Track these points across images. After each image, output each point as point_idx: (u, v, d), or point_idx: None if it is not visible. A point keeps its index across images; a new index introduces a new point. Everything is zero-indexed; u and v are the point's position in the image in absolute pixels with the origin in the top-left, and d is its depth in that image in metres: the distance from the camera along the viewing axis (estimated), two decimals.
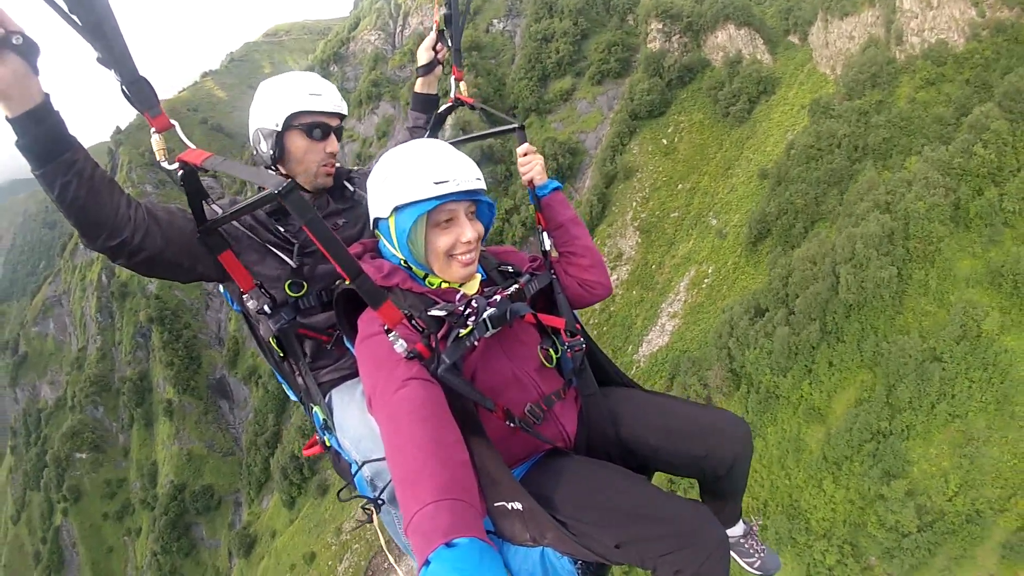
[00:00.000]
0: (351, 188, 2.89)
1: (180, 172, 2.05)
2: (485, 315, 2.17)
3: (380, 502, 2.39)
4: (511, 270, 2.50)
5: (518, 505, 2.07)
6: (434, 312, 2.13)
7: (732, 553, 2.93)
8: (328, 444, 2.86)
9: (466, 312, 2.16)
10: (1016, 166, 33.72)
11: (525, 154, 2.76)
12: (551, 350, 2.44)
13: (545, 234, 2.73)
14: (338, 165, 2.97)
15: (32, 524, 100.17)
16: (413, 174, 2.12)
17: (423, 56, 3.37)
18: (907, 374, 29.39)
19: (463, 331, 2.10)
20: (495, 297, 2.28)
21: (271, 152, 2.67)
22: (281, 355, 2.69)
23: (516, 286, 2.38)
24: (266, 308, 2.56)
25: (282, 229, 2.67)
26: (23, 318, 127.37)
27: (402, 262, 2.27)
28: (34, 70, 1.82)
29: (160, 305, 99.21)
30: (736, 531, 2.96)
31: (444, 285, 2.27)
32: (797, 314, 34.62)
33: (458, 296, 2.26)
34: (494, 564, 1.45)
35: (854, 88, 51.32)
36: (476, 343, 2.14)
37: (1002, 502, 24.76)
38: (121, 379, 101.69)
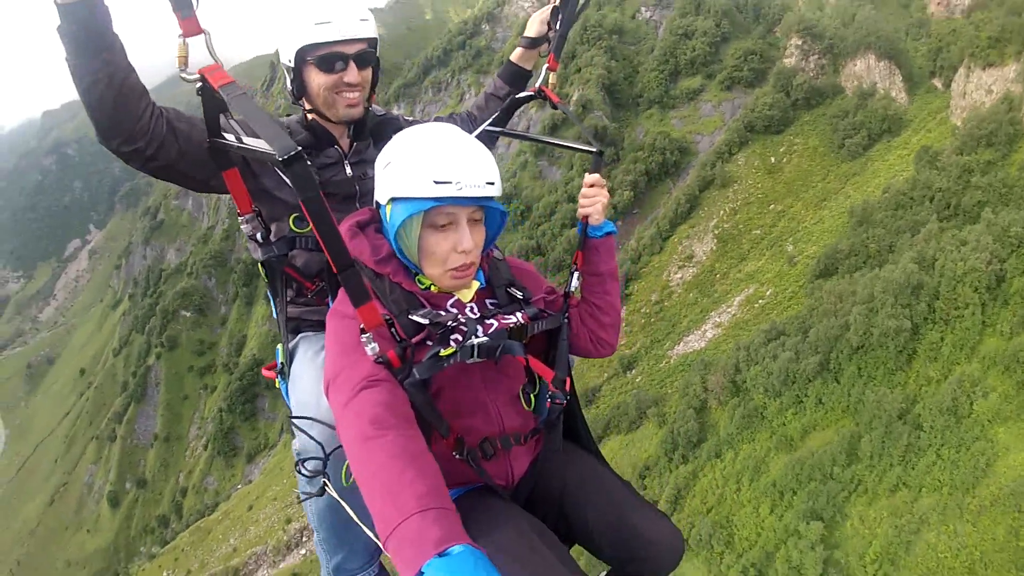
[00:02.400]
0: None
1: (199, 85, 1.96)
2: (475, 341, 2.04)
3: (323, 488, 2.32)
4: (520, 296, 2.31)
5: None
6: (416, 318, 2.01)
7: None
8: (277, 385, 2.84)
9: (453, 328, 2.04)
10: None
11: (592, 185, 2.53)
12: (532, 394, 2.37)
13: (576, 275, 2.58)
14: (378, 109, 2.88)
15: (129, 359, 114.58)
16: (414, 167, 1.95)
17: (533, 27, 3.14)
18: (876, 427, 29.21)
19: (445, 351, 1.98)
20: (492, 322, 2.15)
21: (292, 89, 2.60)
22: (267, 280, 2.70)
23: (519, 319, 2.21)
24: (258, 236, 2.53)
25: (308, 163, 2.36)
26: (167, 190, 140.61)
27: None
28: None
29: None
30: None
31: (434, 288, 2.14)
32: (805, 344, 34.82)
33: (450, 303, 2.16)
34: (491, 570, 1.39)
35: (967, 143, 48.77)
36: (455, 363, 2.01)
37: None
38: (237, 260, 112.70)
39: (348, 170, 2.72)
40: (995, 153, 47.05)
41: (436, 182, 1.91)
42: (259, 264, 2.65)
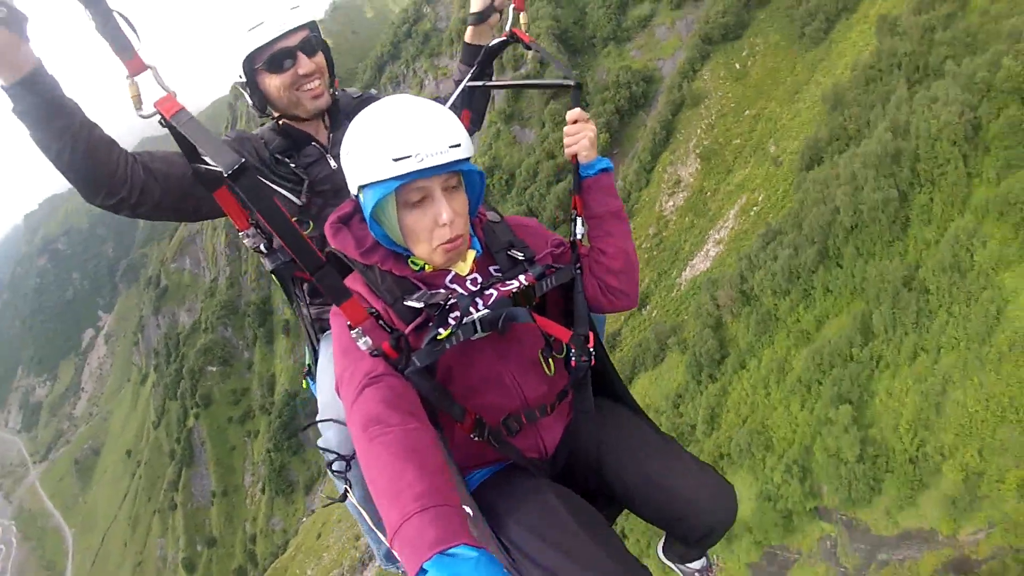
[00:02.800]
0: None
1: (160, 119, 1.90)
2: (474, 316, 1.99)
3: (345, 493, 2.32)
4: (522, 257, 2.22)
5: (468, 510, 1.94)
6: (411, 302, 1.98)
7: None
8: (306, 387, 2.89)
9: (449, 307, 1.99)
10: None
11: (575, 121, 2.44)
12: (550, 359, 2.26)
13: (579, 220, 2.45)
14: (343, 90, 2.88)
15: (169, 428, 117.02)
16: (371, 150, 1.92)
17: (476, 2, 3.05)
18: (884, 301, 29.27)
19: (443, 332, 1.93)
20: (491, 292, 2.09)
21: (253, 103, 2.61)
22: (282, 288, 2.74)
23: (523, 281, 2.13)
24: (262, 247, 2.52)
25: (292, 165, 2.61)
26: (163, 256, 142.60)
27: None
28: (23, 38, 1.81)
29: None
30: (695, 565, 2.89)
31: (428, 268, 2.10)
32: (800, 237, 34.98)
33: (448, 279, 2.12)
34: (491, 568, 1.40)
35: (923, 2, 47.93)
36: (457, 344, 1.97)
37: (952, 450, 23.80)
38: (246, 303, 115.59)
39: (332, 163, 2.72)
40: (953, 4, 46.01)
41: (395, 159, 1.87)
42: (271, 274, 2.68)
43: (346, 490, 2.35)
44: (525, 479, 2.17)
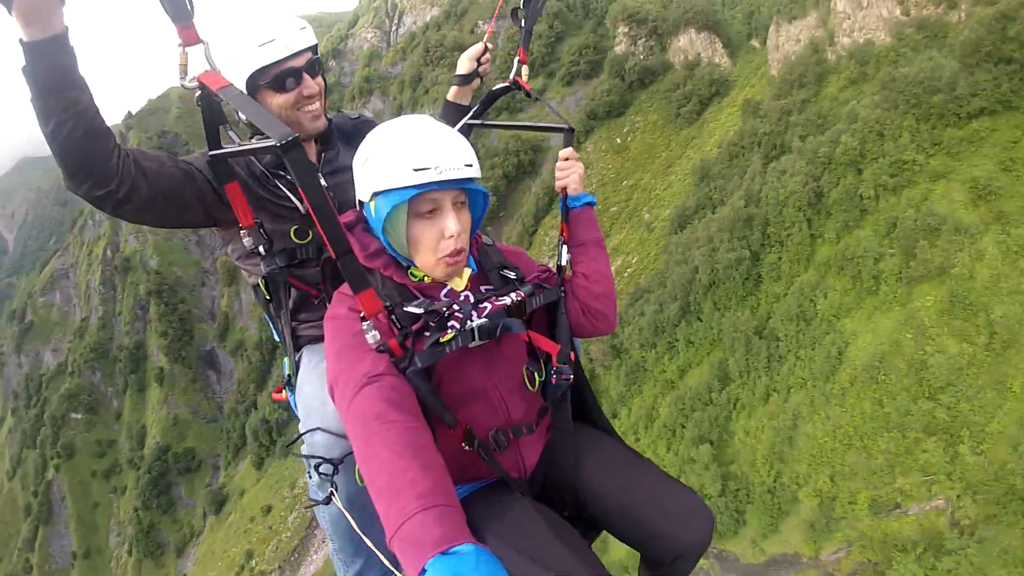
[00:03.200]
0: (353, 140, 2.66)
1: (198, 93, 2.01)
2: (474, 324, 2.05)
3: (330, 497, 2.36)
4: (513, 276, 2.31)
5: None
6: (411, 308, 2.02)
7: None
8: (285, 397, 2.90)
9: (448, 315, 2.04)
10: (878, 153, 34.85)
11: (567, 159, 2.63)
12: (536, 373, 2.32)
13: (565, 247, 2.60)
14: (339, 111, 2.95)
15: (26, 479, 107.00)
16: (392, 158, 1.98)
17: (464, 65, 3.26)
18: (738, 349, 31.57)
19: (445, 336, 1.99)
20: (486, 305, 2.14)
21: (248, 120, 2.42)
22: (268, 297, 2.70)
23: (515, 297, 2.21)
24: (261, 249, 2.53)
25: (288, 178, 2.60)
26: (31, 288, 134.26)
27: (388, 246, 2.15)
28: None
29: (159, 279, 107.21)
30: None
31: (427, 279, 2.14)
32: (665, 295, 37.54)
33: (443, 292, 2.17)
34: (492, 565, 1.41)
35: (783, 89, 53.16)
36: (456, 349, 2.02)
37: (806, 478, 25.50)
38: (119, 347, 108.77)
39: (322, 181, 2.71)
40: (808, 92, 51.24)
41: (416, 169, 1.93)
42: (260, 281, 2.66)
43: (331, 493, 2.36)
44: (504, 495, 2.19)
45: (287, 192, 2.59)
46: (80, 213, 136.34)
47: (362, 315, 1.94)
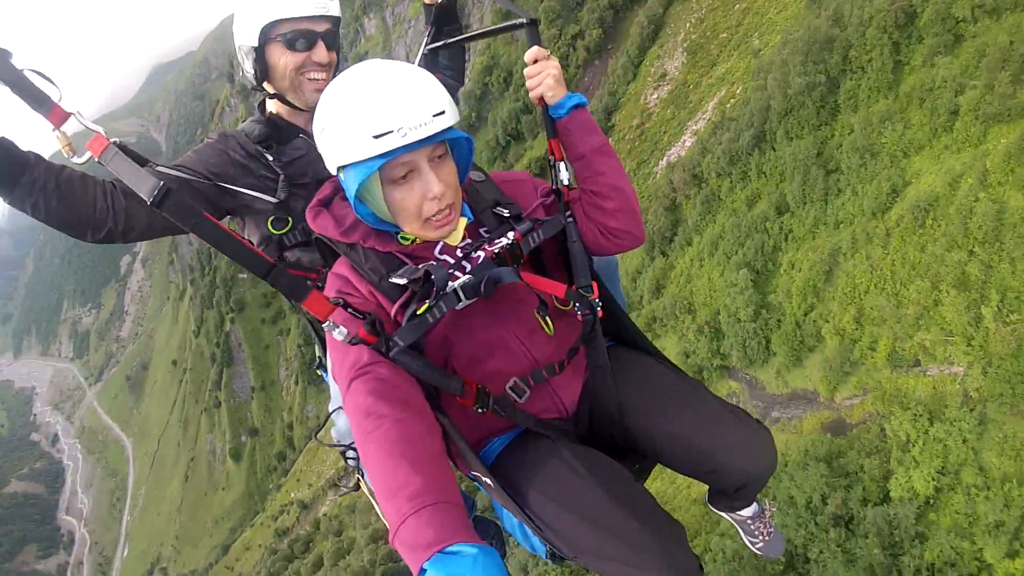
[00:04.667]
0: None
1: (97, 160, 1.87)
2: (455, 285, 1.91)
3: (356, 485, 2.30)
4: (507, 214, 2.12)
5: (489, 482, 1.98)
6: (395, 279, 1.91)
7: (738, 529, 2.99)
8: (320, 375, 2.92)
9: (426, 280, 1.89)
10: None
11: (535, 60, 2.19)
12: (547, 317, 2.14)
13: (562, 164, 2.25)
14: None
15: (209, 335, 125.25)
16: (348, 127, 1.78)
17: None
18: (796, 178, 31.81)
19: (421, 308, 1.85)
20: (478, 254, 2.02)
21: (253, 71, 2.45)
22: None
23: (510, 239, 2.04)
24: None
25: (271, 159, 2.50)
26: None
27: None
28: None
29: None
30: (746, 512, 2.85)
31: (418, 241, 2.02)
32: (742, 123, 37.88)
33: (437, 249, 2.04)
34: (490, 563, 1.38)
35: None
36: (441, 316, 1.88)
37: (832, 315, 25.19)
38: None
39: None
40: None
41: (375, 136, 1.73)
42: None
43: (359, 479, 2.42)
44: (540, 444, 2.10)
45: (276, 168, 2.52)
46: (216, 103, 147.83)
47: (318, 319, 1.90)
